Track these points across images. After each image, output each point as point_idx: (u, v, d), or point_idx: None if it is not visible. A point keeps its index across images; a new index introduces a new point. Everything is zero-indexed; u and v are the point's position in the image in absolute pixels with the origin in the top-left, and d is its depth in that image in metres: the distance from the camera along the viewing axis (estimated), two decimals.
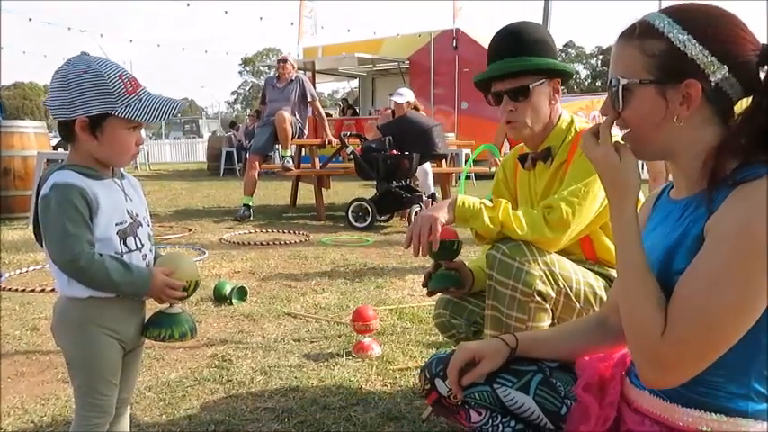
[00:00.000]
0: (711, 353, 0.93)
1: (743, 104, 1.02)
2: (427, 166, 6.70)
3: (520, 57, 1.73)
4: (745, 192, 0.92)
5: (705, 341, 0.92)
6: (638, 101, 1.03)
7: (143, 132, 1.53)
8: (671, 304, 0.95)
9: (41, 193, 1.32)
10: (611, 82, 1.06)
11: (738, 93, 1.01)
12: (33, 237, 1.41)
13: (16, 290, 3.63)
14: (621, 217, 1.04)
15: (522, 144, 1.92)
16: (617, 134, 1.67)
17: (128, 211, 1.40)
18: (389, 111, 7.53)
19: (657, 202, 1.17)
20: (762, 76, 0.99)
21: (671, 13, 1.01)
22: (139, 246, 1.41)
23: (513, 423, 1.21)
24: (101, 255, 1.31)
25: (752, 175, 0.93)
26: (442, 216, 1.63)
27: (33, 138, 6.76)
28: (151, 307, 1.47)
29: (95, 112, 1.31)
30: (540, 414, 1.18)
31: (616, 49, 1.06)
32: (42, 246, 1.36)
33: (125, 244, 1.37)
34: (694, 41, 0.98)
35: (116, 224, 1.36)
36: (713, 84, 0.99)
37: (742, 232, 0.89)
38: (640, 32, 1.02)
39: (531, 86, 1.73)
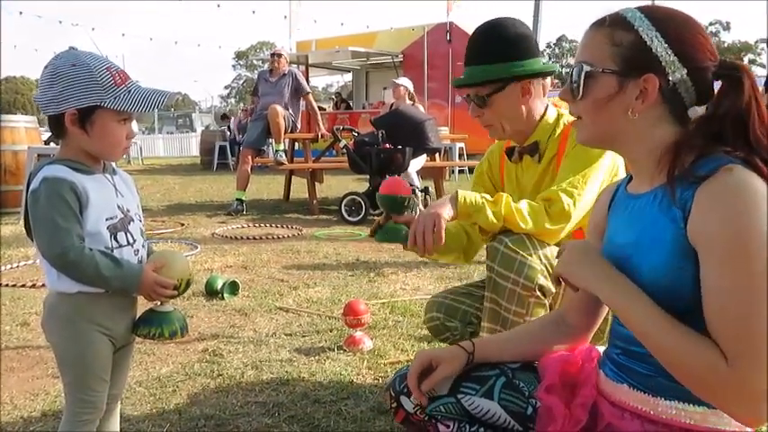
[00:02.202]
0: None
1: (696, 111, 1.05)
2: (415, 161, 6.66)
3: (482, 65, 1.73)
4: (715, 189, 0.93)
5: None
6: (598, 89, 1.06)
7: (135, 126, 1.52)
8: (715, 330, 0.92)
9: (31, 187, 1.32)
10: (573, 68, 1.09)
11: (692, 98, 1.04)
12: (24, 232, 1.40)
13: (7, 285, 3.61)
14: (615, 296, 1.03)
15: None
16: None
17: (118, 207, 1.39)
18: (389, 103, 7.55)
19: (615, 198, 1.18)
20: (716, 87, 1.03)
21: (643, 9, 1.06)
22: (131, 241, 1.40)
23: (481, 430, 1.21)
24: (91, 249, 1.31)
25: (712, 169, 0.95)
26: (446, 213, 1.61)
27: (24, 132, 6.72)
28: (144, 303, 1.47)
29: (84, 104, 1.31)
30: (506, 417, 1.18)
31: (585, 36, 1.10)
32: (33, 240, 1.36)
33: (115, 239, 1.37)
34: (661, 38, 1.02)
35: (106, 219, 1.35)
36: (671, 83, 1.02)
37: (741, 240, 0.90)
38: (611, 22, 1.06)
39: (486, 97, 1.74)
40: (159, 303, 1.45)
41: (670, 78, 1.02)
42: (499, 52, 1.72)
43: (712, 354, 0.92)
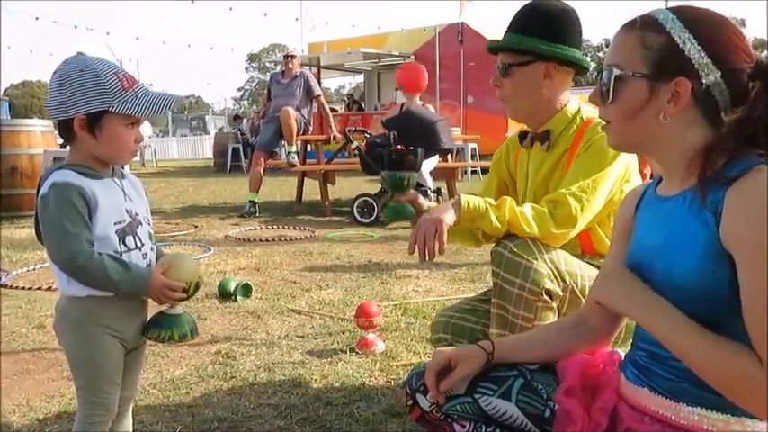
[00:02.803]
0: None
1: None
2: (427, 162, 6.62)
3: (517, 34, 1.73)
4: (745, 189, 0.92)
5: None
6: (628, 93, 1.04)
7: (147, 129, 1.52)
8: (750, 332, 0.91)
9: (41, 192, 1.34)
10: (602, 71, 1.07)
11: (726, 100, 1.01)
12: (35, 235, 1.42)
13: (23, 288, 3.65)
14: (641, 312, 1.02)
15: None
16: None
17: (127, 211, 1.40)
18: (398, 104, 7.54)
19: (643, 200, 1.16)
20: (752, 88, 0.99)
21: (675, 11, 1.03)
22: (139, 245, 1.41)
23: (497, 431, 1.20)
24: (100, 254, 1.31)
25: (742, 170, 0.93)
26: (448, 218, 1.59)
27: (40, 136, 6.80)
28: (154, 306, 1.48)
29: (93, 109, 1.32)
30: (523, 419, 1.17)
31: (616, 38, 1.08)
32: (44, 244, 1.37)
33: (124, 243, 1.37)
34: (694, 41, 0.99)
35: (115, 223, 1.36)
36: (704, 86, 1.00)
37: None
38: (642, 24, 1.04)
39: (509, 65, 1.73)
40: (169, 306, 1.45)
41: (703, 81, 0.99)
42: (537, 27, 1.72)
43: (746, 359, 0.90)
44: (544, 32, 1.71)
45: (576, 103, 1.81)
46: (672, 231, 1.02)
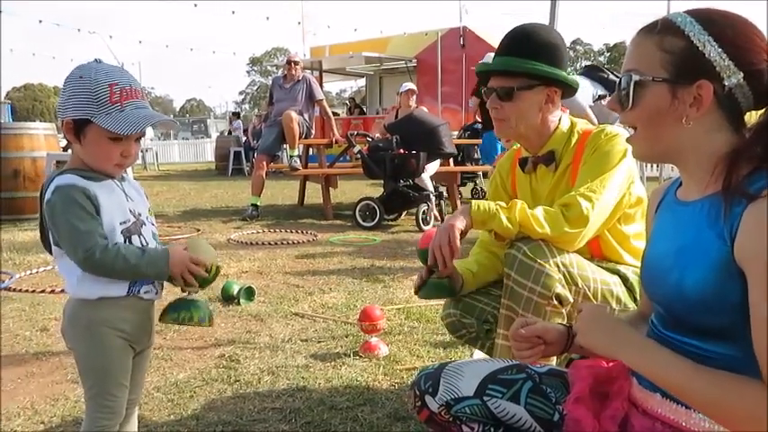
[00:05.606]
0: None
1: (752, 116, 1.00)
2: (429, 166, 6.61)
3: (521, 58, 1.72)
4: (764, 209, 0.89)
5: None
6: (649, 98, 1.02)
7: (149, 132, 1.51)
8: (761, 353, 0.89)
9: (45, 198, 1.35)
10: (621, 77, 1.05)
11: (749, 102, 0.99)
12: (41, 242, 1.43)
13: (26, 291, 3.65)
14: (634, 359, 1.01)
15: (517, 146, 1.92)
16: (623, 133, 1.65)
17: (130, 210, 1.41)
18: (394, 108, 7.61)
19: (663, 201, 1.15)
20: None
21: (693, 13, 1.02)
22: (145, 244, 1.42)
23: None
24: (116, 244, 1.33)
25: (765, 185, 0.91)
26: (459, 224, 1.62)
27: (43, 139, 6.81)
28: (160, 308, 1.49)
29: (78, 115, 1.34)
30: (532, 422, 1.17)
31: (633, 43, 1.06)
32: (50, 251, 1.39)
33: (130, 242, 1.38)
34: (714, 43, 0.98)
35: (120, 223, 1.37)
36: (726, 88, 0.98)
37: None
38: (661, 28, 1.02)
39: (515, 89, 1.72)
40: (187, 294, 1.47)
41: (726, 84, 0.97)
42: (542, 52, 1.72)
43: (752, 392, 0.88)
44: (548, 57, 1.72)
45: (568, 120, 1.82)
46: (686, 240, 1.01)
